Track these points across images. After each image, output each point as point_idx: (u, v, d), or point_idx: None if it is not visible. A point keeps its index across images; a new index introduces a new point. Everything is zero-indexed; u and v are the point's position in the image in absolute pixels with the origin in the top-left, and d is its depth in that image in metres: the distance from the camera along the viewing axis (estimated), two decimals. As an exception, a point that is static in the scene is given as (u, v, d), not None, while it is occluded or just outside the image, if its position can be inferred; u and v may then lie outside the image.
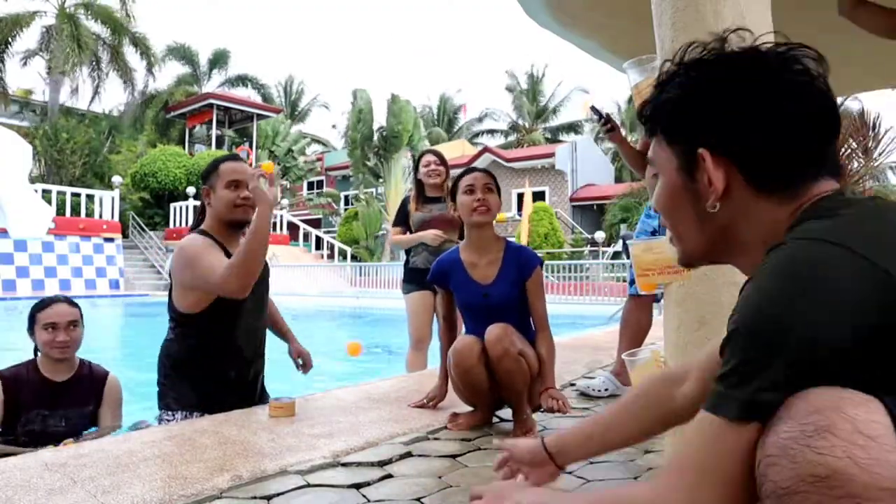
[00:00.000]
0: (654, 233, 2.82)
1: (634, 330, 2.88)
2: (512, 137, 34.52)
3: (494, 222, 2.40)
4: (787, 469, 0.61)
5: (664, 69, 0.87)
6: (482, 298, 2.32)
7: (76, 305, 2.61)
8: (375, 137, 23.80)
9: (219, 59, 29.86)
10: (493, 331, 2.12)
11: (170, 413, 2.36)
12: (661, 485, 0.75)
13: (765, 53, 0.81)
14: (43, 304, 2.56)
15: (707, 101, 0.81)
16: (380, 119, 24.00)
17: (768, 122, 0.78)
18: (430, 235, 3.60)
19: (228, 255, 2.34)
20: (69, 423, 2.52)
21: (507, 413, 2.37)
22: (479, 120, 36.53)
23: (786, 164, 0.79)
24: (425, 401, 2.50)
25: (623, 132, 3.03)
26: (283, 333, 2.75)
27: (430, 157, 3.78)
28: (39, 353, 2.55)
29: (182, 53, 29.04)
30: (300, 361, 2.71)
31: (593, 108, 3.05)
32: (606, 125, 2.97)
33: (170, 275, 2.41)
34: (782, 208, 0.79)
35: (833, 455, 0.58)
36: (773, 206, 0.80)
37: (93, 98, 23.88)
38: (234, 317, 2.37)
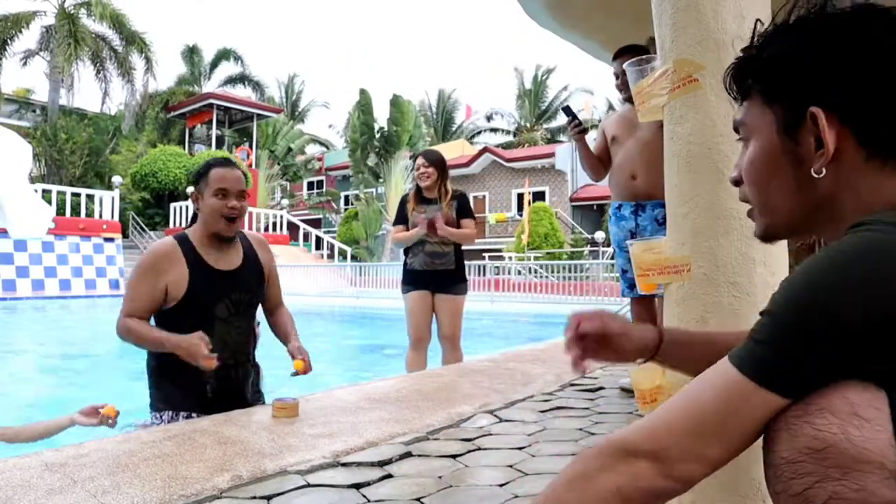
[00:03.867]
0: (633, 234, 2.82)
1: None
2: (511, 137, 34.54)
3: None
4: (787, 441, 0.66)
5: (759, 31, 0.81)
6: None
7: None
8: (376, 137, 23.81)
9: (220, 59, 29.86)
10: None
11: (157, 415, 2.33)
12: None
13: (884, 8, 0.74)
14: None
15: (820, 55, 0.75)
16: (380, 119, 24.02)
17: (889, 79, 0.71)
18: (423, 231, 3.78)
19: (205, 266, 2.31)
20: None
21: (506, 413, 2.37)
22: (487, 119, 36.62)
23: None
24: None
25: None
26: (283, 335, 2.61)
27: (419, 160, 3.92)
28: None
29: (193, 57, 29.08)
30: (296, 366, 2.45)
31: (565, 109, 3.21)
32: (576, 126, 3.11)
33: None
34: (891, 180, 0.73)
35: (829, 431, 0.63)
36: (884, 178, 0.74)
37: (103, 100, 23.83)
38: (204, 321, 2.29)
